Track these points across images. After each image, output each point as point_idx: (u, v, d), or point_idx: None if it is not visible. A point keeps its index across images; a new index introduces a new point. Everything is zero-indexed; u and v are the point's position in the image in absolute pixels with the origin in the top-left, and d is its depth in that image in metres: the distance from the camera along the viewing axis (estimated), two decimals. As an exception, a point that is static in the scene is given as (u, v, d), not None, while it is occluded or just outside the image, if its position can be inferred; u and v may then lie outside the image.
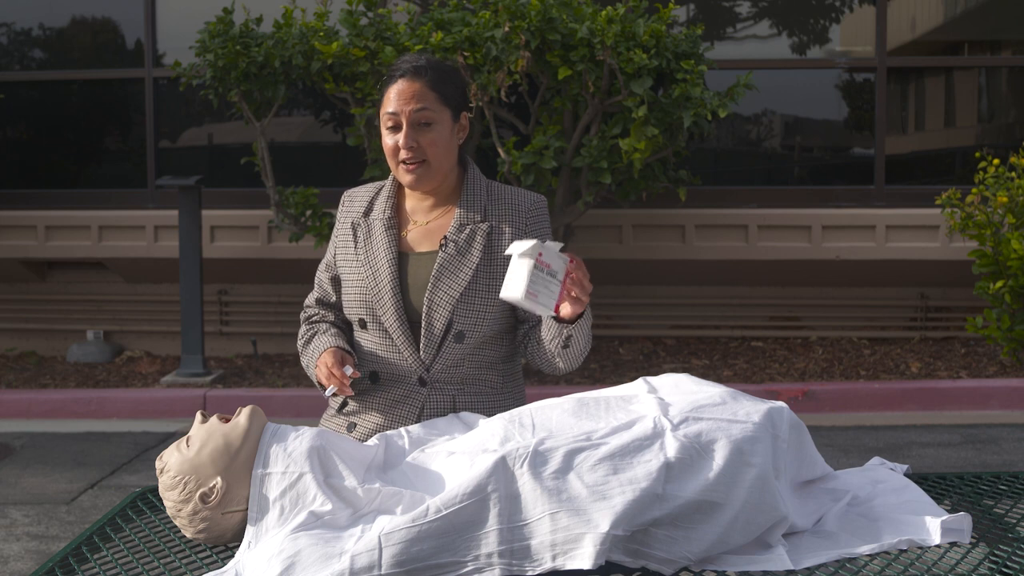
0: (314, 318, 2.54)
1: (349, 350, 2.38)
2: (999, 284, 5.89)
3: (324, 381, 2.31)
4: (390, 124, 2.36)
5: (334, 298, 2.52)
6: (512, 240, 2.36)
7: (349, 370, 2.28)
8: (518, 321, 2.44)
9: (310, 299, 2.57)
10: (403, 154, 2.35)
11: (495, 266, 2.37)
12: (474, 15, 5.84)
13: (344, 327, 2.50)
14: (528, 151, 5.85)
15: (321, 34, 6.02)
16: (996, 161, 6.14)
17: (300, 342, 2.53)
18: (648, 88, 5.68)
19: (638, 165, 5.78)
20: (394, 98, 2.35)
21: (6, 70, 7.57)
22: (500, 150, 5.90)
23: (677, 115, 5.77)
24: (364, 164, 6.28)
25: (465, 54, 5.71)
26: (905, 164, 7.29)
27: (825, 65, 7.21)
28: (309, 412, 5.64)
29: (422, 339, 2.35)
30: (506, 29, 5.64)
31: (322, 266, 2.55)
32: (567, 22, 5.74)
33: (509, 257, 2.04)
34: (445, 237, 2.37)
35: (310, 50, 5.98)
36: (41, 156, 7.61)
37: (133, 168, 7.50)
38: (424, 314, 2.35)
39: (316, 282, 2.56)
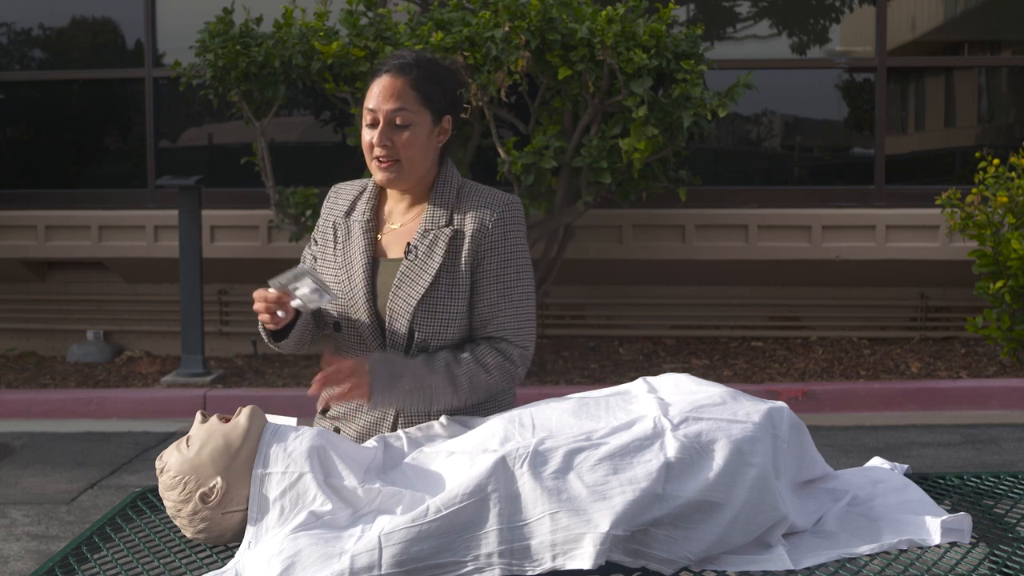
0: None
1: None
2: (999, 284, 5.89)
3: (263, 318, 2.26)
4: (368, 120, 2.33)
5: None
6: (472, 242, 2.30)
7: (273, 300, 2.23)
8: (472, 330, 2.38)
9: None
10: (376, 151, 2.32)
11: (457, 272, 2.31)
12: (474, 15, 5.84)
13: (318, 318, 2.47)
14: (528, 151, 5.85)
15: (321, 34, 6.02)
16: (996, 161, 6.14)
17: None
18: (648, 88, 5.68)
19: (638, 165, 5.78)
20: (375, 94, 2.31)
21: (6, 70, 7.57)
22: (500, 150, 5.90)
23: (677, 115, 5.77)
24: (364, 164, 6.27)
25: (465, 54, 5.71)
26: (905, 164, 7.29)
27: (825, 65, 7.21)
28: (309, 412, 5.63)
29: (387, 347, 2.33)
30: (506, 29, 5.64)
31: (306, 258, 2.50)
32: (567, 22, 5.74)
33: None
34: (409, 243, 2.33)
35: (310, 50, 5.98)
36: (41, 156, 7.61)
37: (133, 168, 7.50)
38: (387, 322, 2.32)
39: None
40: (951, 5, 7.49)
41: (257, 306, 2.24)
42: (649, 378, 2.22)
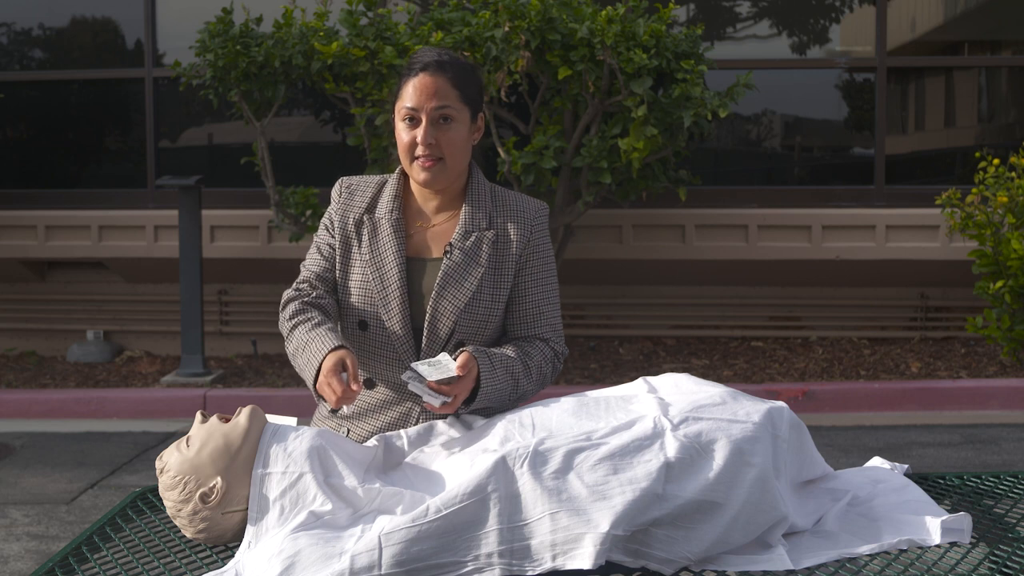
0: (308, 299, 2.37)
1: (346, 345, 2.22)
2: (999, 284, 5.89)
3: (326, 397, 2.16)
4: (408, 119, 2.30)
5: (330, 275, 2.41)
6: (517, 247, 2.35)
7: (346, 378, 2.14)
8: (504, 331, 2.41)
9: (307, 274, 2.42)
10: (420, 150, 2.29)
11: (499, 274, 2.34)
12: (474, 15, 5.84)
13: (333, 311, 2.39)
14: (528, 151, 5.85)
15: (321, 34, 6.02)
16: (996, 161, 6.14)
17: (289, 324, 2.36)
18: (648, 88, 5.68)
19: (637, 165, 5.78)
20: (414, 92, 2.29)
21: (6, 70, 7.57)
22: (500, 150, 5.90)
23: (677, 115, 5.77)
24: (364, 164, 6.29)
25: (465, 54, 5.71)
26: (905, 164, 7.29)
27: (825, 65, 7.21)
28: (309, 412, 5.63)
29: (423, 347, 2.31)
30: (506, 29, 5.64)
31: (321, 246, 2.42)
32: (567, 22, 5.74)
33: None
34: (450, 244, 2.33)
35: (310, 50, 5.98)
36: (41, 156, 7.61)
37: (133, 168, 7.50)
38: (427, 322, 2.31)
39: (311, 260, 2.42)
40: (951, 5, 7.48)
41: (328, 393, 2.15)
42: (649, 378, 2.22)
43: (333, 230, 2.41)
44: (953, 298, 6.96)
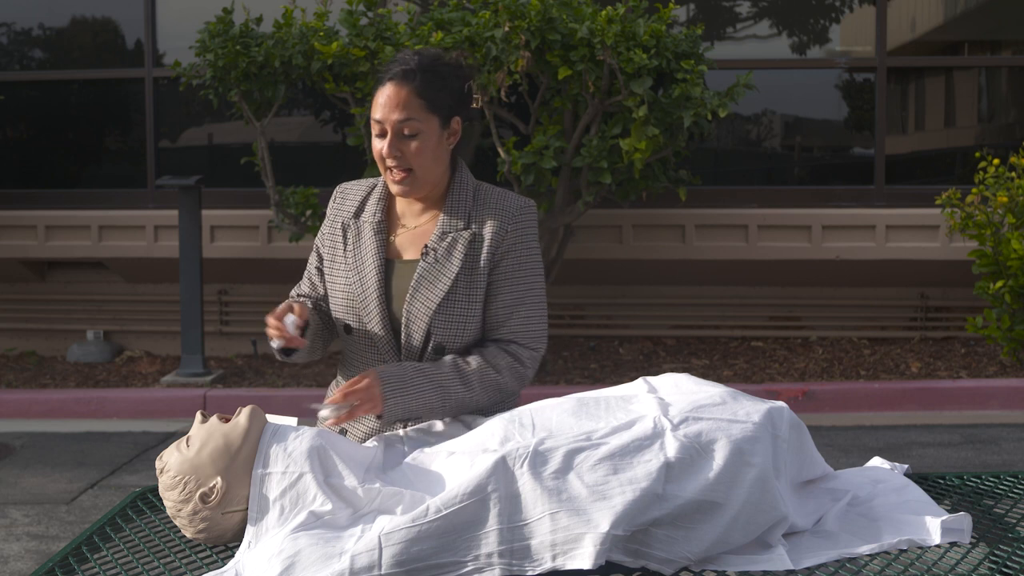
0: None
1: (303, 302, 2.34)
2: (999, 284, 5.89)
3: (270, 332, 2.26)
4: (376, 131, 2.31)
5: (321, 292, 2.46)
6: (491, 245, 2.32)
7: (291, 319, 2.24)
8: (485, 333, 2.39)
9: (294, 292, 2.52)
10: (388, 162, 2.30)
11: (474, 274, 2.31)
12: (474, 15, 5.84)
13: (325, 315, 2.45)
14: (528, 151, 5.85)
15: (321, 34, 6.02)
16: (996, 161, 6.14)
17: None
18: (648, 88, 5.68)
19: (638, 165, 5.78)
20: (380, 104, 2.28)
21: (6, 70, 7.57)
22: (500, 150, 5.90)
23: (677, 115, 5.77)
24: (364, 164, 6.29)
25: (465, 54, 5.70)
26: (905, 164, 7.29)
27: (825, 65, 7.21)
28: (309, 412, 5.63)
29: (403, 348, 2.32)
30: (506, 29, 5.64)
31: (310, 268, 2.49)
32: (567, 22, 5.74)
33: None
34: (426, 246, 2.32)
35: (310, 50, 5.98)
36: (41, 156, 7.61)
37: (133, 168, 7.50)
38: (403, 325, 2.31)
39: (303, 281, 2.51)
40: (951, 5, 7.49)
41: (270, 331, 2.25)
42: (649, 378, 2.22)
43: (322, 245, 2.46)
44: (953, 298, 6.96)
